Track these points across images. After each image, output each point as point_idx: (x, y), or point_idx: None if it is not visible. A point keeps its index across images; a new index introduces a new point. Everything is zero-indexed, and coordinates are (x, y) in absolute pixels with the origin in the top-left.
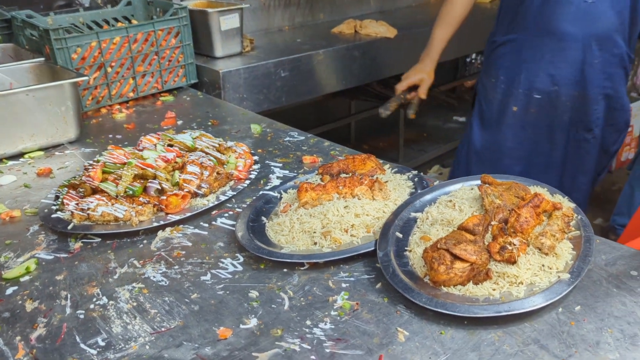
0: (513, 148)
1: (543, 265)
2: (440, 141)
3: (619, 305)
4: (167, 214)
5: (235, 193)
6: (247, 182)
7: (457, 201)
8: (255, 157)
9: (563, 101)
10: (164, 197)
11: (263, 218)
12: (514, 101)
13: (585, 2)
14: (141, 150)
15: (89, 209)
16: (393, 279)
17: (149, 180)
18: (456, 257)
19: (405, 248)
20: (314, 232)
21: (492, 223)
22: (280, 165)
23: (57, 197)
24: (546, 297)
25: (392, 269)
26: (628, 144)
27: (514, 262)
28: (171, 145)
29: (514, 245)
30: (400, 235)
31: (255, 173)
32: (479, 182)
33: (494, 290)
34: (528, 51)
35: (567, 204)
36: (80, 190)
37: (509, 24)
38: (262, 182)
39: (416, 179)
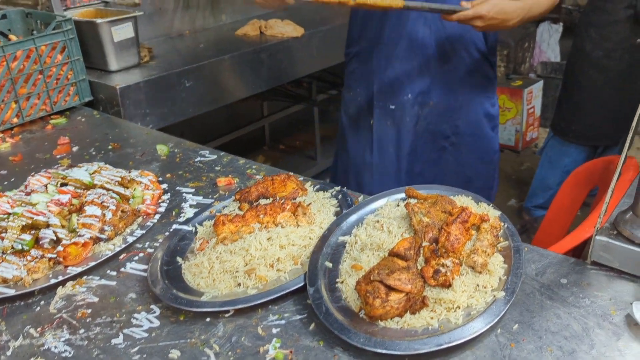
0: (378, 164)
1: (478, 285)
2: None
3: (554, 318)
4: (66, 266)
5: (144, 231)
6: (157, 216)
7: (384, 221)
8: (164, 186)
9: (417, 111)
10: (61, 248)
11: (178, 259)
12: (371, 114)
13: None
14: (29, 194)
15: None
16: (327, 318)
17: (41, 230)
18: (391, 288)
19: (337, 280)
20: (237, 272)
21: (424, 244)
22: (193, 190)
23: None
24: (485, 321)
25: (324, 307)
26: (531, 124)
27: (449, 286)
28: (65, 184)
29: (447, 267)
30: (330, 265)
31: (166, 204)
32: (403, 195)
33: (432, 318)
34: (380, 61)
35: (492, 213)
36: None
37: (359, 34)
38: (174, 213)
39: (340, 196)
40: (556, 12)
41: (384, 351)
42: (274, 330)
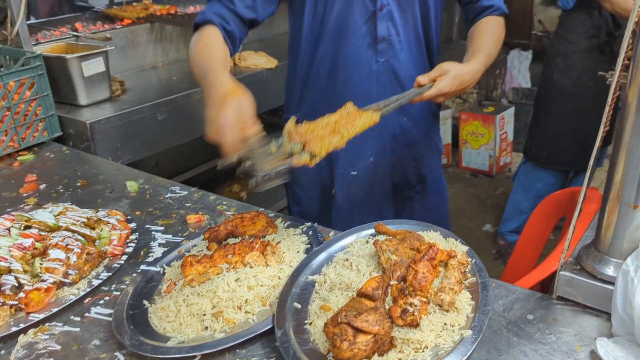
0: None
1: (445, 324)
2: None
3: (521, 356)
4: (28, 313)
5: (110, 274)
6: (125, 257)
7: (353, 259)
8: (133, 225)
9: (381, 171)
10: (23, 295)
11: (145, 302)
12: (331, 183)
13: (377, 62)
14: None
15: None
16: None
17: (2, 277)
18: (358, 330)
19: (305, 321)
20: (204, 315)
21: (392, 283)
22: (162, 228)
23: None
24: None
25: (292, 351)
26: (504, 149)
27: (416, 325)
28: (29, 227)
29: (415, 306)
30: (299, 306)
31: (134, 244)
32: (373, 231)
33: (399, 359)
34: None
35: (460, 249)
36: None
37: (299, 96)
38: (142, 253)
39: (310, 232)
40: (526, 38)
41: None
42: None
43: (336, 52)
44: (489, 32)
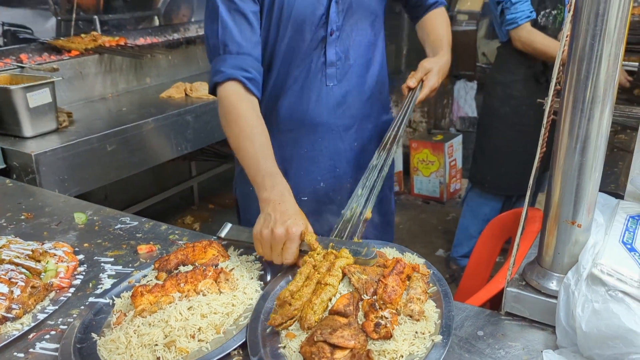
0: None
1: (416, 332)
2: None
3: None
4: None
5: (57, 307)
6: (72, 289)
7: None
8: (81, 256)
9: (332, 196)
10: None
11: (93, 335)
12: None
13: (327, 87)
14: None
15: None
16: None
17: None
18: (335, 347)
19: (279, 345)
20: (156, 345)
21: (364, 297)
22: (112, 260)
23: None
24: None
25: None
26: (454, 175)
27: (390, 337)
28: None
29: (387, 318)
30: (268, 331)
31: (82, 276)
32: None
33: None
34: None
35: (418, 261)
36: None
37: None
38: (90, 285)
39: (264, 259)
40: (471, 70)
41: None
42: None
43: (286, 77)
44: (441, 23)
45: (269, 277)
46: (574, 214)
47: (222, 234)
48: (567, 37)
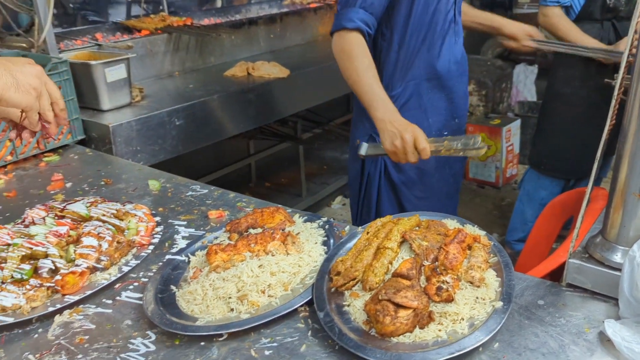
0: (425, 183)
1: (477, 298)
2: (339, 172)
3: (532, 337)
4: (63, 295)
5: (139, 262)
6: (151, 247)
7: None
8: (157, 218)
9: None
10: (59, 277)
11: (172, 287)
12: None
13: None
14: (27, 226)
15: None
16: (341, 338)
17: (40, 260)
18: (399, 306)
19: (343, 303)
20: (230, 298)
21: (425, 263)
22: (185, 223)
23: None
24: (488, 329)
25: (337, 329)
26: (510, 161)
27: (452, 300)
28: (62, 217)
29: (448, 283)
30: (333, 290)
31: (159, 236)
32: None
33: (440, 331)
34: (428, 95)
35: (479, 233)
36: None
37: (404, 74)
38: (167, 244)
39: (327, 227)
40: (532, 54)
41: None
42: (267, 352)
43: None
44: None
45: (332, 242)
46: None
47: (362, 152)
48: None
